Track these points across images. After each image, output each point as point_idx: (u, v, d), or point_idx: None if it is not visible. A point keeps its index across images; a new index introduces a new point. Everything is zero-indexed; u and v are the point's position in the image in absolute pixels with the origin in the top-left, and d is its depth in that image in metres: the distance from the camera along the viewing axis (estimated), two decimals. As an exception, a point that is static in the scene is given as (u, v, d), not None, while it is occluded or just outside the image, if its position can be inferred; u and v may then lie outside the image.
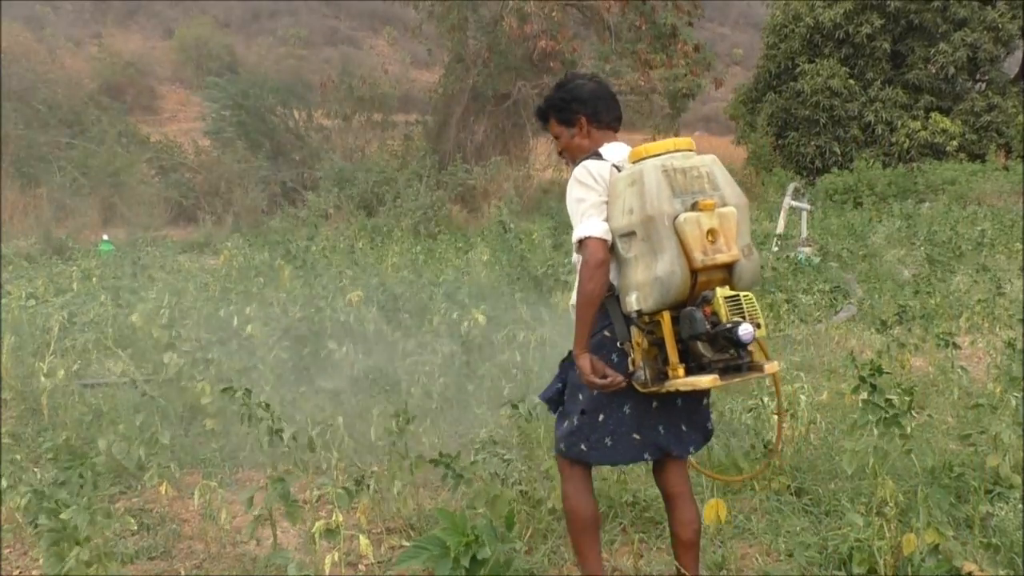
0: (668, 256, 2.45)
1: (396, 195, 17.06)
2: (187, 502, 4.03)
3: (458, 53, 20.71)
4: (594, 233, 2.55)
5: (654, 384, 2.55)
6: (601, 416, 2.68)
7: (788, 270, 9.29)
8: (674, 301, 2.49)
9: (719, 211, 2.50)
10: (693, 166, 2.56)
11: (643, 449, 2.71)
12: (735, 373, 2.52)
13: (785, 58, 24.59)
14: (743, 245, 2.57)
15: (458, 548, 1.91)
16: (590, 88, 2.83)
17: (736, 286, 2.56)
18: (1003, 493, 3.60)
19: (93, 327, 6.41)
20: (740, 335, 2.42)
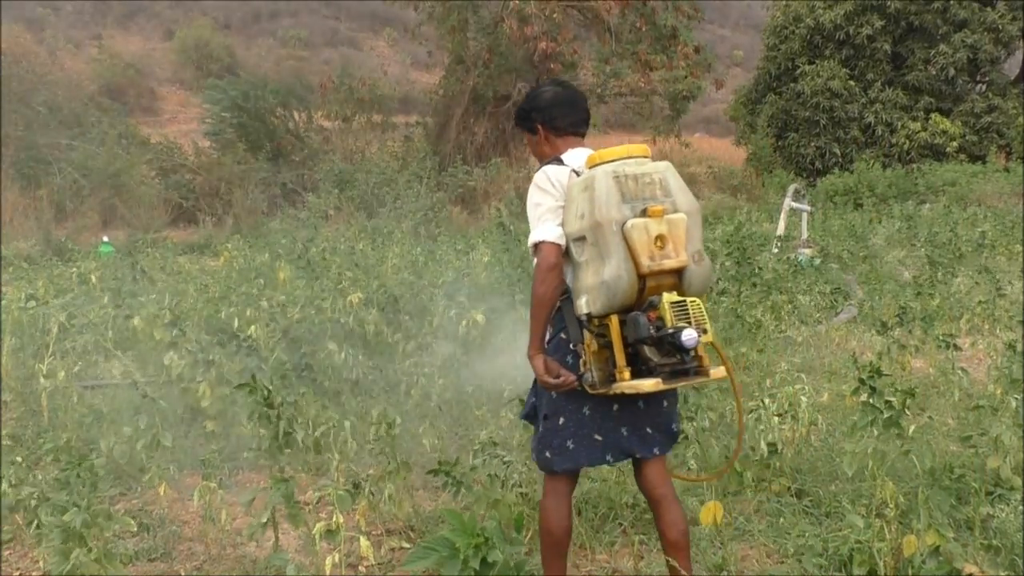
0: (615, 261, 2.48)
1: (396, 196, 17.06)
2: (187, 503, 4.03)
3: (458, 54, 20.71)
4: (547, 238, 2.60)
5: (602, 386, 2.59)
6: (561, 419, 2.71)
7: (788, 271, 9.29)
8: (622, 305, 2.52)
9: (668, 217, 2.53)
10: (645, 173, 2.59)
11: (605, 451, 2.74)
12: (682, 377, 2.54)
13: (785, 59, 24.60)
14: (693, 251, 2.59)
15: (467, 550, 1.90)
16: (548, 96, 2.87)
17: (686, 292, 2.58)
18: (1004, 495, 3.60)
19: (93, 329, 6.41)
20: (683, 340, 2.43)
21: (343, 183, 17.89)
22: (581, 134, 2.89)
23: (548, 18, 18.98)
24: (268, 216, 17.68)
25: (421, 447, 4.68)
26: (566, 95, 2.89)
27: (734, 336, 6.98)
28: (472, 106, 20.81)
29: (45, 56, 22.82)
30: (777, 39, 25.09)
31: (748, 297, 7.71)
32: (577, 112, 2.87)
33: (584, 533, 3.55)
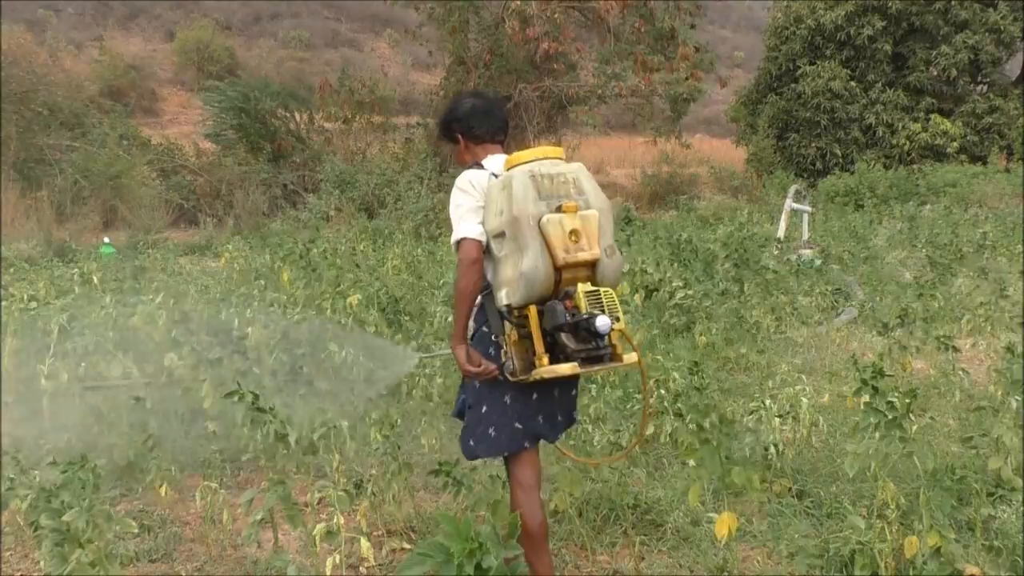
0: (532, 253, 2.65)
1: (397, 197, 17.06)
2: (188, 504, 4.03)
3: (459, 55, 20.71)
4: (468, 235, 2.76)
5: (523, 373, 2.74)
6: (484, 408, 2.86)
7: (789, 272, 9.29)
8: (539, 295, 2.69)
9: (582, 213, 2.71)
10: (560, 172, 2.77)
11: (524, 437, 2.86)
12: (597, 363, 2.70)
13: (786, 60, 24.60)
14: (606, 245, 2.77)
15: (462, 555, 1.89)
16: (467, 107, 3.05)
17: (600, 283, 2.76)
18: (1005, 496, 3.59)
19: (94, 330, 6.41)
20: (597, 326, 2.59)
21: (344, 184, 17.89)
22: (499, 141, 3.07)
23: (549, 19, 18.97)
24: (269, 217, 17.69)
25: (421, 447, 4.68)
26: (483, 105, 3.06)
27: (735, 337, 6.98)
28: (473, 107, 20.81)
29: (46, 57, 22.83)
30: (778, 40, 25.08)
31: (749, 298, 7.71)
32: (493, 121, 3.05)
33: (585, 534, 3.55)
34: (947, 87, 23.86)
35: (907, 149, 22.89)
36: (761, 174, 22.85)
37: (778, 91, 24.74)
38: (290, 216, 17.15)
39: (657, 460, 4.47)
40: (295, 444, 3.79)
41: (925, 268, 10.03)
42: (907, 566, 2.91)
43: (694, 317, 7.02)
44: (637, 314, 7.17)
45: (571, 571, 3.39)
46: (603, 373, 5.57)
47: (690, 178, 23.57)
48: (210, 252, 13.96)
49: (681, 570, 3.38)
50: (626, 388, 5.17)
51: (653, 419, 4.66)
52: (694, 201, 19.63)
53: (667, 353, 6.14)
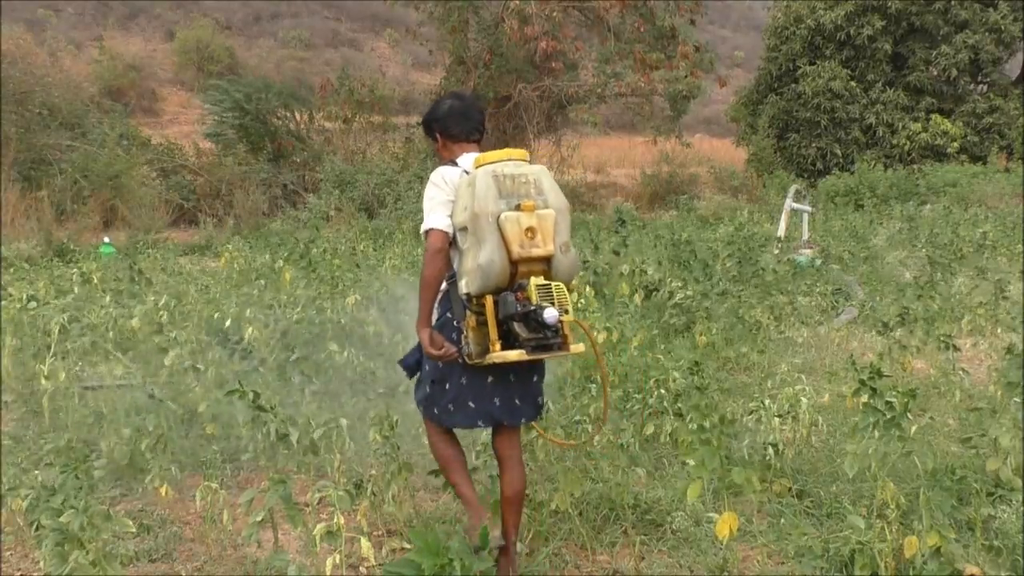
0: (489, 247, 2.87)
1: (397, 197, 17.06)
2: (188, 504, 4.03)
3: (459, 55, 20.70)
4: (436, 225, 3.01)
5: (478, 357, 2.96)
6: (447, 385, 3.13)
7: (789, 272, 9.28)
8: (495, 286, 2.90)
9: (539, 212, 2.93)
10: (522, 173, 2.98)
11: (477, 417, 3.12)
12: (546, 351, 2.92)
13: (786, 60, 24.59)
14: (561, 243, 2.98)
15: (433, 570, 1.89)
16: (445, 108, 3.30)
17: (554, 277, 2.96)
18: (1004, 496, 3.59)
19: (94, 330, 6.41)
20: (545, 317, 2.80)
21: (344, 184, 17.89)
22: (475, 141, 3.30)
23: (548, 18, 18.97)
24: (269, 217, 17.68)
25: (422, 448, 4.68)
26: (460, 107, 3.30)
27: (734, 337, 6.98)
28: (473, 107, 20.80)
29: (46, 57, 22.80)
30: (778, 40, 25.07)
31: (749, 298, 7.71)
32: (470, 122, 3.28)
33: (585, 534, 3.55)
34: (947, 87, 23.85)
35: (907, 149, 22.88)
36: (761, 174, 22.83)
37: (778, 91, 24.73)
38: (290, 216, 17.14)
39: (657, 460, 4.47)
40: (296, 443, 3.79)
41: (925, 268, 10.03)
42: (907, 566, 2.92)
43: (694, 317, 7.02)
44: (637, 314, 7.17)
45: (571, 571, 3.39)
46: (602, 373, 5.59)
47: (690, 178, 23.55)
48: (210, 252, 13.96)
49: (681, 570, 3.38)
50: (626, 388, 5.17)
51: (653, 419, 4.67)
52: (694, 201, 19.62)
53: (667, 353, 6.15)
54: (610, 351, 6.04)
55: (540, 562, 3.39)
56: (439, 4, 20.49)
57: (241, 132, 20.24)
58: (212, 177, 18.98)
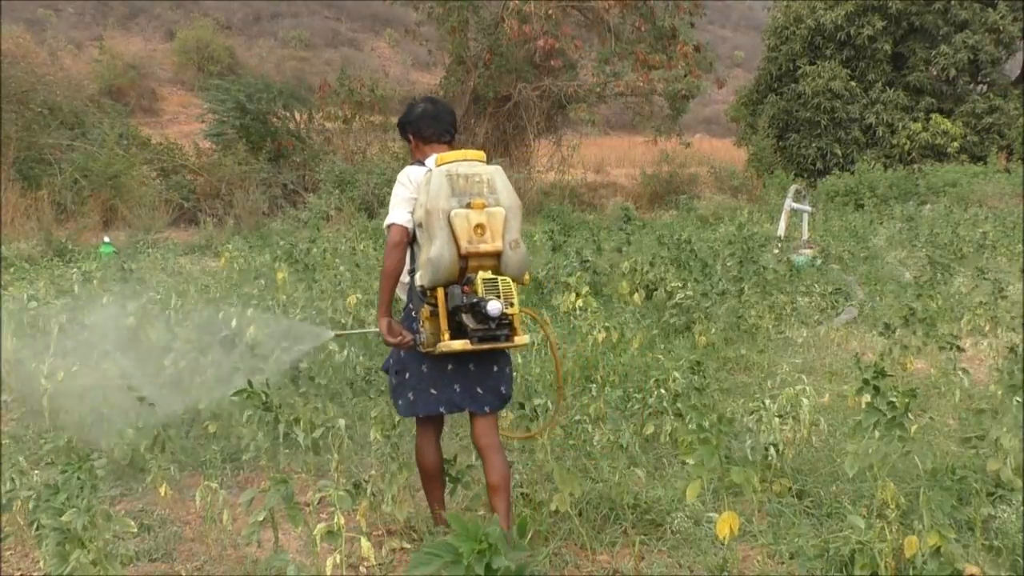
0: (439, 242, 3.05)
1: (397, 197, 17.01)
2: (188, 504, 4.03)
3: (459, 55, 20.71)
4: (396, 221, 3.23)
5: (430, 346, 3.15)
6: (407, 374, 3.32)
7: (789, 272, 9.28)
8: (446, 279, 3.08)
9: (489, 210, 3.09)
10: (476, 173, 3.15)
11: (439, 403, 3.29)
12: (492, 341, 3.08)
13: (786, 60, 24.58)
14: (510, 240, 3.14)
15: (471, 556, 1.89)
16: (418, 112, 3.49)
17: (504, 272, 3.13)
18: (1005, 496, 3.59)
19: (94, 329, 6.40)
20: (488, 309, 2.97)
21: (344, 184, 17.87)
22: (446, 142, 3.47)
23: (548, 18, 18.97)
24: (269, 217, 17.67)
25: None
26: (432, 110, 3.49)
27: (734, 336, 6.98)
28: (473, 107, 20.81)
29: (46, 57, 22.79)
30: (778, 40, 25.07)
31: (749, 298, 7.72)
32: (440, 124, 3.46)
33: (585, 534, 3.55)
34: (947, 87, 23.85)
35: (907, 149, 22.88)
36: (761, 174, 22.83)
37: (778, 91, 24.72)
38: (290, 216, 17.13)
39: (657, 460, 4.47)
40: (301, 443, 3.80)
41: (925, 268, 10.03)
42: (907, 566, 2.91)
43: (694, 317, 7.02)
44: (637, 314, 7.17)
45: (571, 571, 3.39)
46: (602, 373, 5.62)
47: (690, 178, 23.54)
48: (210, 252, 13.95)
49: (681, 570, 3.38)
50: (626, 388, 5.17)
51: (653, 419, 4.67)
52: (694, 201, 19.61)
53: (667, 353, 6.15)
54: (610, 351, 6.04)
55: (540, 562, 3.38)
56: (439, 4, 20.48)
57: (241, 132, 20.22)
58: (212, 177, 18.96)
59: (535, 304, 7.50)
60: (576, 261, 8.25)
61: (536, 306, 7.39)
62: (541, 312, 7.11)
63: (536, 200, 19.47)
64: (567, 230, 12.87)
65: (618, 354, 5.98)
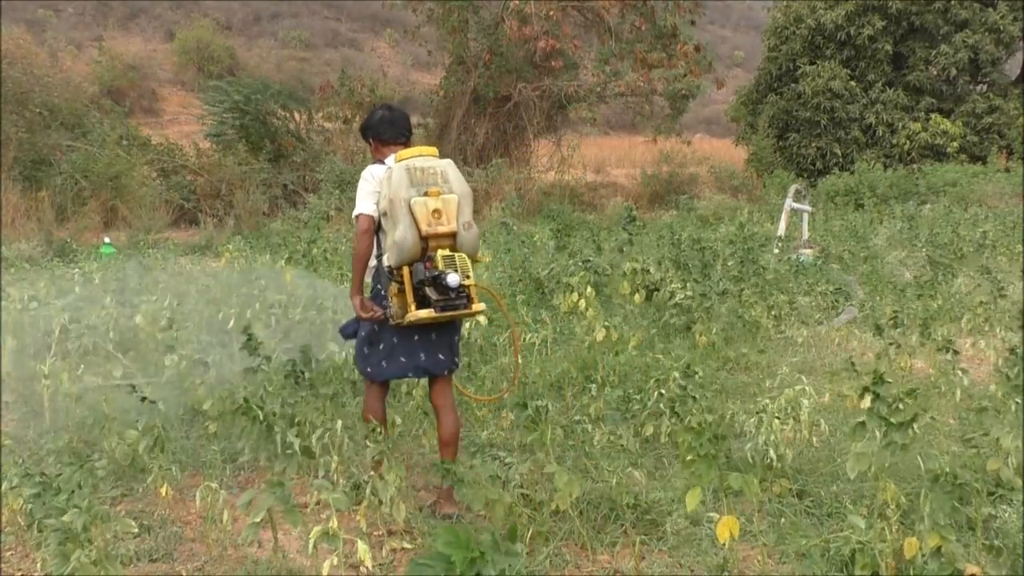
0: (403, 226, 3.52)
1: (397, 197, 17.01)
2: (189, 504, 4.03)
3: (459, 55, 20.70)
4: (363, 211, 3.71)
5: (399, 317, 3.62)
6: (382, 345, 3.79)
7: (789, 272, 9.28)
8: (410, 258, 3.56)
9: (443, 197, 3.59)
10: (431, 166, 3.64)
11: (407, 368, 3.79)
12: (453, 310, 3.56)
13: (786, 60, 24.59)
14: (463, 222, 3.63)
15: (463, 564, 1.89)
16: (378, 116, 4.00)
17: (459, 250, 3.62)
18: (1005, 496, 3.59)
19: (94, 330, 6.41)
20: (449, 281, 3.46)
21: (344, 184, 17.87)
22: (402, 143, 3.96)
23: (547, 18, 18.96)
24: (269, 217, 17.67)
25: (421, 447, 4.68)
26: (389, 116, 3.99)
27: (734, 336, 6.98)
28: (473, 107, 20.80)
29: (46, 58, 22.77)
30: (778, 40, 25.07)
31: (749, 298, 7.71)
32: (396, 128, 3.98)
33: (585, 534, 3.55)
34: (947, 87, 23.85)
35: (907, 149, 22.88)
36: (761, 174, 22.82)
37: (778, 91, 24.72)
38: (290, 216, 17.13)
39: (657, 460, 4.47)
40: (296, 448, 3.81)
41: (925, 268, 10.03)
42: (907, 566, 2.91)
43: (694, 317, 7.02)
44: (637, 314, 7.17)
45: (571, 571, 3.39)
46: (602, 373, 5.62)
47: (690, 178, 23.53)
48: (210, 252, 13.95)
49: (681, 570, 3.38)
50: (626, 389, 5.17)
51: (652, 419, 4.67)
52: (694, 201, 19.60)
53: (667, 353, 6.15)
54: (610, 351, 6.04)
55: (540, 562, 3.38)
56: (439, 4, 20.47)
57: (241, 132, 20.21)
58: (212, 177, 18.96)
59: (535, 304, 7.50)
60: (579, 261, 8.24)
61: (536, 306, 7.38)
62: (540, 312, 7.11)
63: (536, 200, 19.46)
64: (567, 230, 12.86)
65: (617, 354, 5.98)
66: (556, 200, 19.32)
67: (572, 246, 10.32)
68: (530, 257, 9.06)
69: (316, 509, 3.90)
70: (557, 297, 7.54)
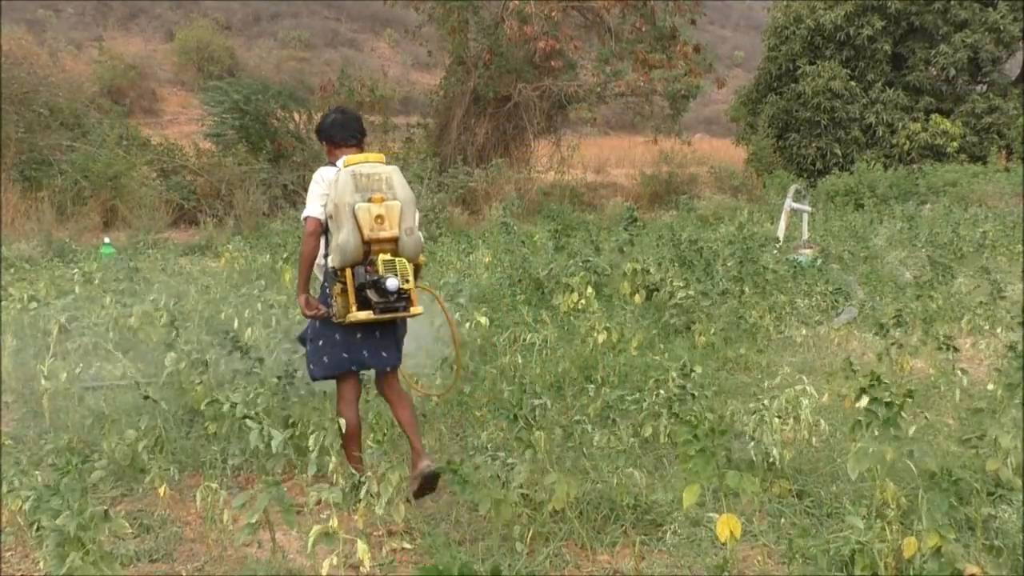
0: (346, 230, 3.66)
1: (397, 197, 17.02)
2: (189, 504, 4.03)
3: (459, 55, 20.68)
4: (311, 213, 3.87)
5: (341, 317, 3.76)
6: (321, 342, 3.93)
7: (789, 272, 9.28)
8: (352, 261, 3.69)
9: (387, 203, 3.72)
10: (376, 172, 3.78)
11: (350, 364, 3.92)
12: (392, 312, 3.71)
13: (786, 60, 24.57)
14: (405, 227, 3.77)
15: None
16: (329, 121, 4.23)
17: (401, 254, 3.75)
18: (1005, 496, 3.59)
19: (94, 330, 6.41)
20: (388, 285, 3.60)
21: (344, 184, 17.85)
22: (353, 144, 4.14)
23: (547, 18, 18.95)
24: (269, 217, 17.65)
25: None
26: (342, 119, 4.22)
27: (734, 337, 6.97)
28: (473, 107, 20.78)
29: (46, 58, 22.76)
30: (778, 40, 25.05)
31: (749, 298, 7.71)
32: (347, 130, 4.16)
33: (585, 534, 3.55)
34: (947, 87, 23.84)
35: (907, 149, 22.87)
36: (761, 174, 22.81)
37: (778, 91, 24.71)
38: (290, 216, 17.11)
39: (657, 460, 4.47)
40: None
41: (925, 268, 10.02)
42: (907, 566, 2.91)
43: (694, 317, 7.02)
44: (637, 314, 7.17)
45: (571, 571, 3.39)
46: (602, 374, 5.63)
47: (690, 178, 23.51)
48: (210, 252, 13.95)
49: (681, 570, 3.38)
50: (625, 389, 5.17)
51: (651, 420, 4.67)
52: (694, 201, 19.60)
53: (667, 353, 6.15)
54: (610, 351, 6.04)
55: (540, 562, 3.39)
56: (439, 4, 20.46)
57: (241, 132, 20.19)
58: (212, 177, 18.93)
59: (535, 304, 7.50)
60: (579, 261, 8.24)
61: (536, 306, 7.39)
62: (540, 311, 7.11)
63: (536, 200, 19.46)
64: (567, 230, 12.86)
65: (617, 354, 5.98)
66: (556, 200, 19.32)
67: (572, 246, 10.31)
68: (530, 257, 9.06)
69: (316, 509, 3.90)
70: (557, 297, 7.54)
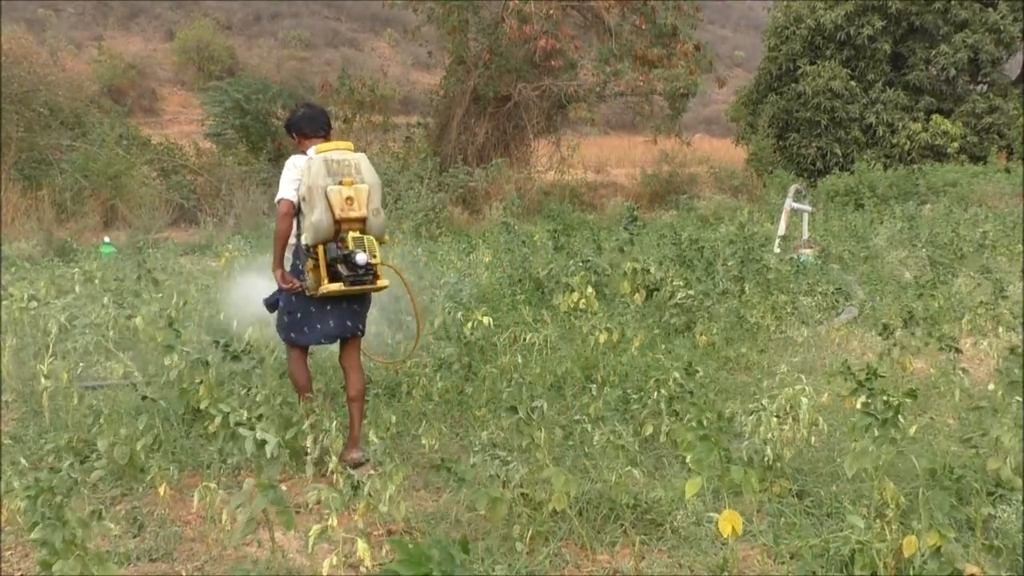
0: (319, 211, 4.05)
1: (397, 197, 17.05)
2: (188, 504, 4.03)
3: (459, 55, 20.67)
4: (284, 196, 4.24)
5: (313, 290, 4.13)
6: (298, 315, 4.33)
7: (789, 272, 9.28)
8: (324, 239, 4.08)
9: (356, 186, 4.12)
10: (345, 159, 4.17)
11: (320, 335, 4.34)
12: (361, 284, 4.09)
13: (786, 60, 24.56)
14: (372, 208, 4.16)
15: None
16: (299, 115, 4.60)
17: (368, 232, 4.15)
18: (1005, 495, 3.59)
19: (94, 329, 6.41)
20: (357, 259, 4.00)
21: (344, 184, 17.85)
22: (322, 136, 4.51)
23: (547, 17, 18.94)
24: (269, 217, 17.65)
25: (421, 447, 4.68)
26: (310, 114, 4.59)
27: (735, 336, 6.97)
28: (473, 106, 20.78)
29: (46, 57, 22.74)
30: (778, 40, 25.04)
31: (750, 297, 7.71)
32: (316, 123, 4.54)
33: (585, 534, 3.55)
34: (947, 87, 23.83)
35: (907, 149, 22.86)
36: (761, 174, 22.80)
37: (778, 91, 24.70)
38: (290, 216, 17.10)
39: (657, 460, 4.47)
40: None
41: (925, 268, 10.02)
42: (907, 566, 2.91)
43: (694, 317, 7.01)
44: (637, 314, 7.17)
45: (571, 571, 3.39)
46: (602, 374, 5.63)
47: (690, 178, 23.50)
48: (210, 252, 13.94)
49: (681, 570, 3.38)
50: (625, 389, 5.17)
51: (652, 419, 4.67)
52: (694, 201, 19.60)
53: (667, 353, 6.15)
54: (610, 351, 6.04)
55: (540, 562, 3.38)
56: (439, 4, 20.45)
57: (241, 132, 20.21)
58: (212, 177, 18.94)
59: (536, 304, 7.50)
60: (579, 261, 8.24)
61: (537, 306, 7.39)
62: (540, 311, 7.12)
63: (536, 200, 19.46)
64: (568, 230, 12.86)
65: (618, 354, 5.98)
66: (556, 200, 19.32)
67: (572, 246, 10.31)
68: (530, 257, 9.06)
69: (315, 509, 3.90)
70: (557, 297, 7.54)
